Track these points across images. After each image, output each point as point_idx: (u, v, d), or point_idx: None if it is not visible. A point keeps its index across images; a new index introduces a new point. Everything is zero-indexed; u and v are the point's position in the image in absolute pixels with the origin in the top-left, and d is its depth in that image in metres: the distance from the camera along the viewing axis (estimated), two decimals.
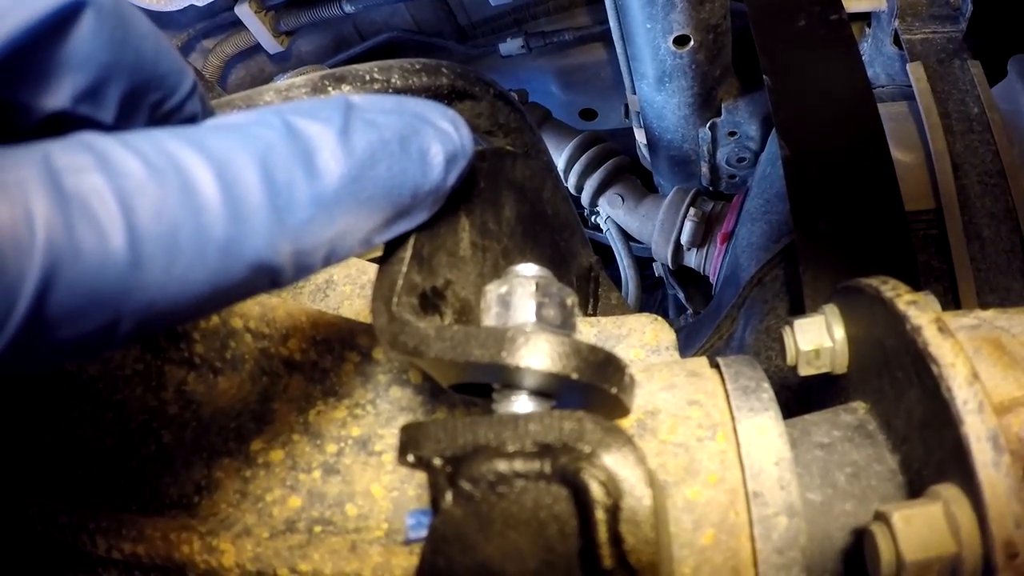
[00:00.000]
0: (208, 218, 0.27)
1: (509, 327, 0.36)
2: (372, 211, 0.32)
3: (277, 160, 0.29)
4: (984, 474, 0.35)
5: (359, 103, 0.34)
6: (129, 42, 0.31)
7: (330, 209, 0.30)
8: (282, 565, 0.44)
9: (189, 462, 0.49)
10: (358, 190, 0.31)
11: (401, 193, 0.34)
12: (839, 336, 0.50)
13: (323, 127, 0.31)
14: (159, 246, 0.26)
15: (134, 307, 0.26)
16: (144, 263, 0.26)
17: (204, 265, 0.27)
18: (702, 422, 0.44)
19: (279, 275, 0.30)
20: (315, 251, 0.31)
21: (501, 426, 0.33)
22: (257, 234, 0.28)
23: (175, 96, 0.34)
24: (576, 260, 0.82)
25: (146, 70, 0.32)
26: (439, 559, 0.32)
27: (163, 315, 0.27)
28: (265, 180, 0.29)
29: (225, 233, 0.27)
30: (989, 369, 0.42)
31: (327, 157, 0.31)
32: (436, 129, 0.36)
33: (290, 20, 1.80)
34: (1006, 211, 1.08)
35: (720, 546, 0.40)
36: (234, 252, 0.28)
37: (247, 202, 0.28)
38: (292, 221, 0.29)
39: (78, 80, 0.29)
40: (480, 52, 1.90)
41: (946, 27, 1.26)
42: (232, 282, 0.28)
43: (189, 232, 0.27)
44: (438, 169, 0.35)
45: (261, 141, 0.29)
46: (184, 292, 0.27)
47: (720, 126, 1.52)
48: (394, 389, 0.51)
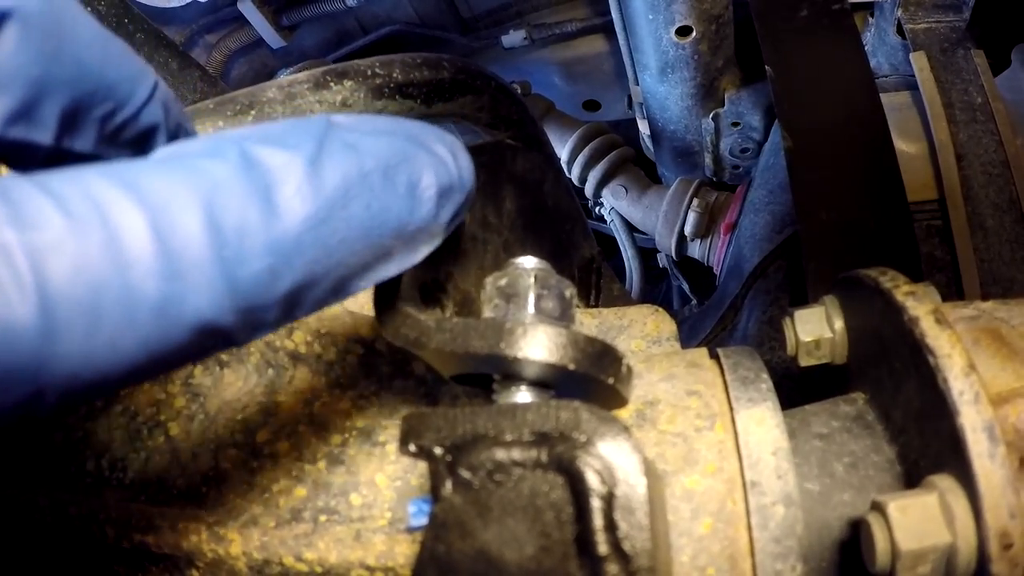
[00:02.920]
0: (138, 276, 0.23)
1: (508, 319, 0.36)
2: (344, 256, 0.28)
3: (227, 201, 0.25)
4: (979, 465, 0.36)
5: (342, 123, 0.30)
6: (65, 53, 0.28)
7: (290, 257, 0.26)
8: (288, 554, 0.44)
9: (196, 454, 0.49)
10: (327, 233, 0.27)
11: (381, 233, 0.29)
12: (839, 327, 0.50)
13: (289, 156, 0.26)
14: (78, 311, 0.22)
15: (55, 380, 0.22)
16: (60, 332, 0.22)
17: (135, 331, 0.23)
18: (701, 412, 0.44)
19: (230, 336, 0.26)
20: (272, 307, 0.26)
21: (500, 416, 0.34)
22: (199, 292, 0.24)
23: (128, 105, 0.31)
24: (578, 252, 0.82)
25: (89, 81, 0.29)
26: (439, 546, 0.33)
27: (92, 385, 0.23)
28: (210, 227, 0.24)
29: (159, 293, 0.23)
30: (987, 360, 0.42)
31: (290, 194, 0.26)
32: (431, 155, 0.31)
33: (293, 15, 1.80)
34: (1010, 201, 1.08)
35: (718, 535, 0.40)
36: (171, 314, 0.24)
37: (187, 254, 0.24)
38: (243, 274, 0.25)
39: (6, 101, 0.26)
40: (483, 44, 1.90)
41: (949, 16, 1.25)
42: (171, 348, 0.24)
43: (115, 293, 0.23)
44: (428, 204, 0.30)
45: (209, 178, 0.25)
46: (113, 361, 0.23)
47: (723, 117, 1.52)
48: (397, 381, 0.51)
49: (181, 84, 0.99)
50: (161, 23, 1.69)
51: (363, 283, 0.29)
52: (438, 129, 0.33)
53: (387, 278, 0.31)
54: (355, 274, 0.29)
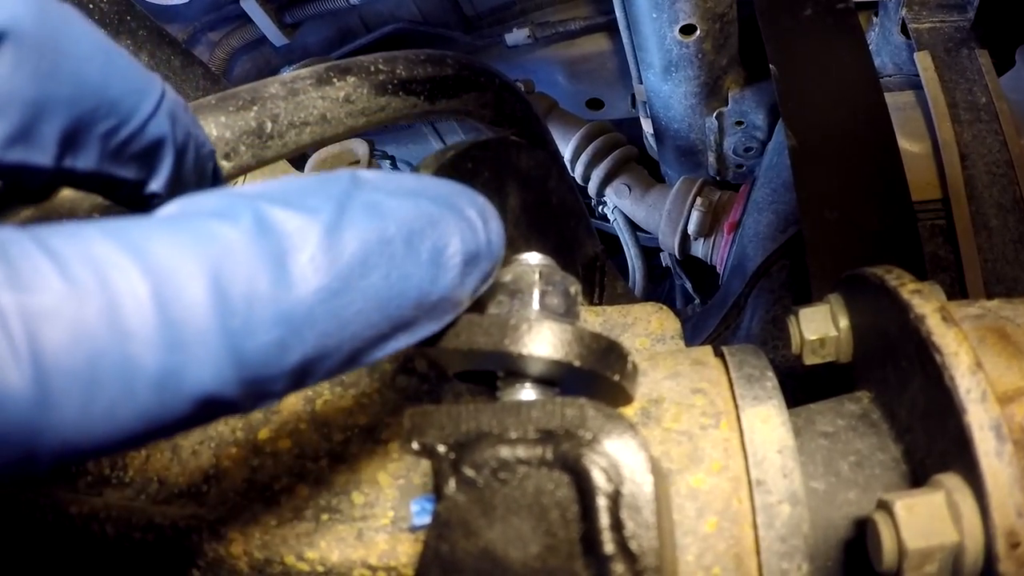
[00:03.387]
0: (138, 347, 0.22)
1: (513, 315, 0.36)
2: (360, 328, 0.26)
3: (236, 269, 0.24)
4: (986, 463, 0.35)
5: (367, 181, 0.28)
6: (63, 70, 0.27)
7: (301, 329, 0.25)
8: (289, 552, 0.44)
9: (197, 452, 0.49)
10: (341, 305, 0.25)
11: (400, 304, 0.27)
12: (844, 325, 0.50)
13: (307, 221, 0.25)
14: (74, 381, 0.21)
15: (48, 448, 0.22)
16: (55, 402, 0.21)
17: (133, 403, 0.22)
18: (706, 410, 0.44)
19: (232, 407, 0.25)
20: (279, 379, 0.25)
21: (504, 413, 0.34)
22: (202, 364, 0.23)
23: (133, 120, 0.30)
24: (582, 249, 0.82)
25: (90, 97, 0.28)
26: (443, 545, 0.32)
27: (88, 452, 0.23)
28: (217, 296, 0.23)
29: (159, 365, 0.22)
30: (993, 359, 0.42)
31: (304, 262, 0.25)
32: (459, 219, 0.29)
33: (295, 12, 1.80)
34: (1014, 201, 1.07)
35: (723, 534, 0.40)
36: (171, 387, 0.23)
37: (190, 325, 0.23)
38: (249, 346, 0.24)
39: (1, 125, 0.25)
40: (486, 42, 1.90)
41: (954, 16, 1.25)
42: (171, 419, 0.23)
43: (113, 364, 0.22)
44: (453, 272, 0.29)
45: (219, 243, 0.24)
46: (110, 431, 0.22)
47: (727, 116, 1.52)
48: (400, 378, 0.51)
49: (184, 82, 0.99)
50: (164, 21, 1.69)
51: (379, 354, 0.28)
52: (470, 191, 0.31)
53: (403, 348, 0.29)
54: (370, 346, 0.27)
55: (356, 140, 1.05)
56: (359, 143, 1.05)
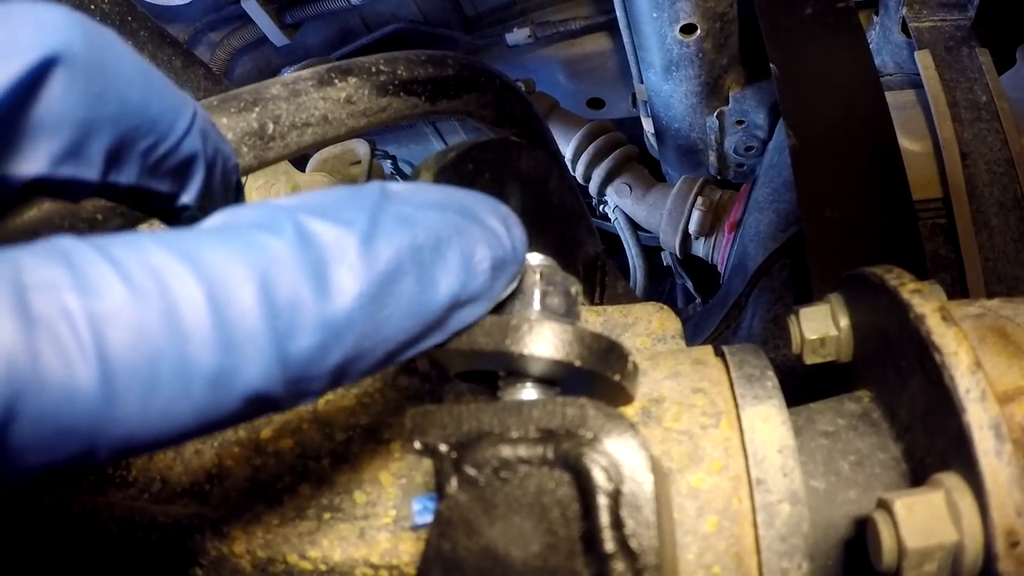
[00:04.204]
0: (195, 348, 0.24)
1: (514, 315, 0.36)
2: (394, 332, 0.28)
3: (282, 276, 0.25)
4: (986, 463, 0.35)
5: (395, 194, 0.30)
6: (110, 93, 0.28)
7: (341, 334, 0.26)
8: (292, 551, 0.44)
9: (200, 451, 0.49)
10: (377, 309, 0.27)
11: (432, 308, 0.29)
12: (844, 325, 0.50)
13: (344, 233, 0.27)
14: (136, 379, 0.23)
15: (108, 441, 0.23)
16: (118, 398, 0.23)
17: (189, 399, 0.24)
18: (706, 410, 0.44)
19: (276, 405, 0.27)
20: (319, 379, 0.27)
21: (505, 413, 0.34)
22: (252, 364, 0.25)
23: (169, 138, 0.31)
24: (582, 249, 0.82)
25: (133, 117, 0.29)
26: (444, 543, 0.33)
27: (144, 446, 0.24)
28: (265, 301, 0.25)
29: (214, 364, 0.24)
30: (993, 358, 0.42)
31: (343, 272, 0.26)
32: (483, 229, 0.31)
33: (296, 12, 1.80)
34: (1014, 200, 1.07)
35: (723, 533, 0.40)
36: (224, 384, 0.24)
37: (242, 328, 0.24)
38: (295, 348, 0.25)
39: (55, 143, 0.27)
40: (487, 42, 1.90)
41: (954, 15, 1.25)
42: (222, 415, 0.25)
43: (172, 363, 0.23)
44: (482, 278, 0.31)
45: (265, 253, 0.25)
46: (166, 426, 0.24)
47: (727, 115, 1.52)
48: (402, 378, 0.51)
49: (185, 82, 0.99)
50: (165, 21, 1.69)
51: (412, 353, 0.30)
52: (492, 200, 0.33)
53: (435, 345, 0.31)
54: (403, 347, 0.29)
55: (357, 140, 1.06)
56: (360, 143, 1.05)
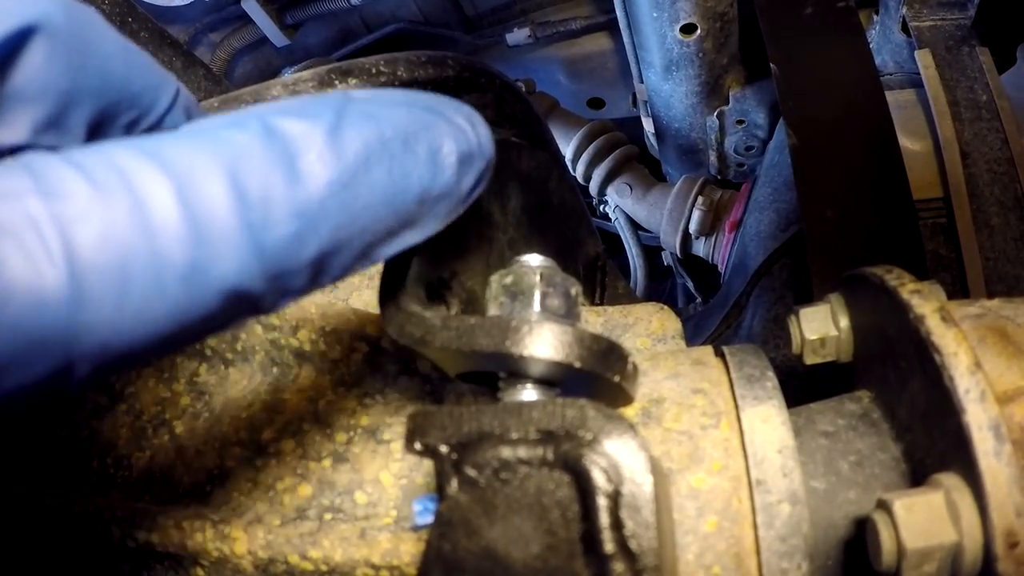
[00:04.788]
0: (165, 242, 0.23)
1: (514, 317, 0.36)
2: (369, 222, 0.28)
3: (251, 167, 0.25)
4: (985, 463, 0.35)
5: (358, 96, 0.30)
6: (91, 64, 0.28)
7: (316, 222, 0.26)
8: (293, 552, 0.44)
9: (201, 452, 0.49)
10: (350, 198, 0.27)
11: (404, 200, 0.29)
12: (844, 325, 0.50)
13: (309, 125, 0.27)
14: (107, 279, 0.22)
15: (85, 350, 0.23)
16: (89, 300, 0.22)
17: (163, 298, 0.23)
18: (706, 410, 0.44)
19: (258, 302, 0.26)
20: (299, 272, 0.27)
21: (505, 414, 0.34)
22: (226, 258, 0.24)
23: (152, 113, 0.31)
24: (583, 249, 0.82)
25: (115, 90, 0.29)
26: (445, 544, 0.33)
27: (123, 356, 0.24)
28: (235, 193, 0.24)
29: (187, 259, 0.24)
30: (993, 359, 0.42)
31: (312, 160, 0.26)
32: (450, 124, 0.31)
33: (296, 13, 1.80)
34: (1015, 199, 1.07)
35: (723, 533, 0.40)
36: (199, 280, 0.24)
37: (213, 220, 0.24)
38: (269, 239, 0.25)
39: (36, 111, 0.27)
40: (487, 42, 1.90)
41: (954, 14, 1.25)
42: (201, 315, 0.25)
43: (143, 261, 0.23)
44: (450, 171, 0.31)
45: (231, 147, 0.25)
46: (143, 330, 0.24)
47: (728, 114, 1.52)
48: (402, 378, 0.51)
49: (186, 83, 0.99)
50: (165, 22, 1.69)
51: (388, 250, 0.30)
52: (455, 101, 0.33)
53: (412, 245, 0.31)
54: (380, 240, 0.29)
55: None
56: None
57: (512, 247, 0.55)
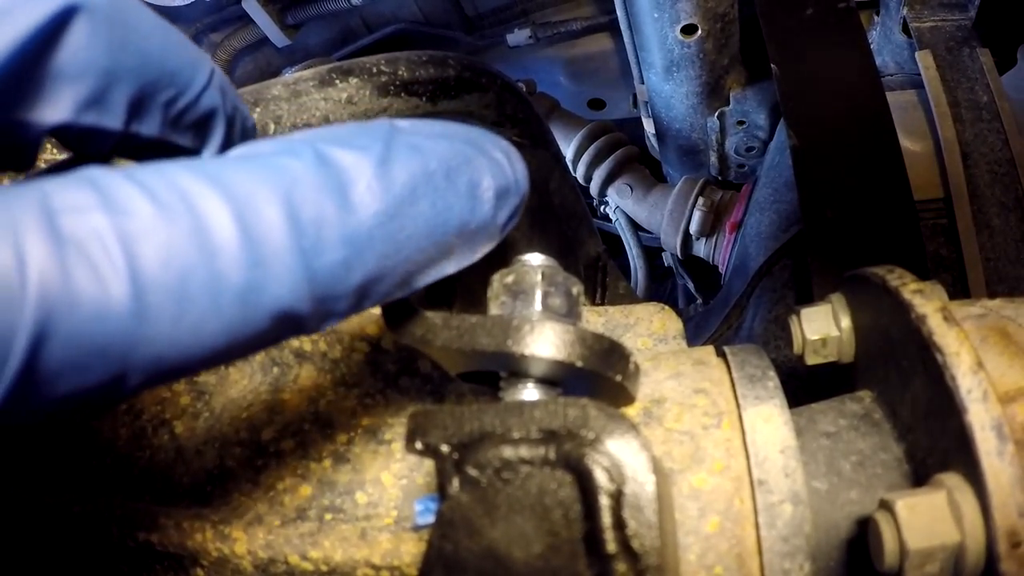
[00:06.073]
0: (224, 263, 0.24)
1: (515, 316, 0.36)
2: (411, 252, 0.29)
3: (305, 195, 0.26)
4: (988, 463, 0.35)
5: (404, 127, 0.31)
6: (131, 43, 0.29)
7: (363, 250, 0.27)
8: (293, 552, 0.44)
9: (201, 452, 0.49)
10: (396, 228, 0.28)
11: (445, 231, 0.30)
12: (845, 325, 0.50)
13: (359, 156, 0.28)
14: (167, 295, 0.23)
15: (140, 361, 0.24)
16: (150, 314, 0.23)
17: (219, 316, 0.25)
18: (708, 410, 0.44)
19: (303, 324, 0.27)
20: (344, 297, 0.28)
21: (507, 413, 0.34)
22: (280, 280, 0.25)
23: (189, 91, 0.32)
24: (584, 249, 0.82)
25: (153, 69, 0.30)
26: (446, 544, 0.33)
27: (174, 369, 0.25)
28: (290, 218, 0.25)
29: (243, 280, 0.25)
30: (995, 358, 0.42)
31: (362, 191, 0.27)
32: (488, 159, 0.32)
33: (297, 13, 1.80)
34: (1016, 200, 1.07)
35: (725, 533, 0.40)
36: (253, 301, 0.25)
37: (269, 244, 0.25)
38: (320, 264, 0.26)
39: (78, 89, 0.28)
40: (488, 43, 1.90)
41: (955, 15, 1.25)
42: (251, 334, 0.26)
43: (202, 279, 0.24)
44: (487, 205, 0.32)
45: (287, 174, 0.26)
46: (197, 345, 0.24)
47: (728, 115, 1.52)
48: (403, 378, 0.51)
49: None
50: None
51: (426, 279, 0.31)
52: (493, 135, 0.34)
53: (447, 275, 0.32)
54: (420, 270, 0.30)
55: None
56: None
57: (513, 246, 0.55)
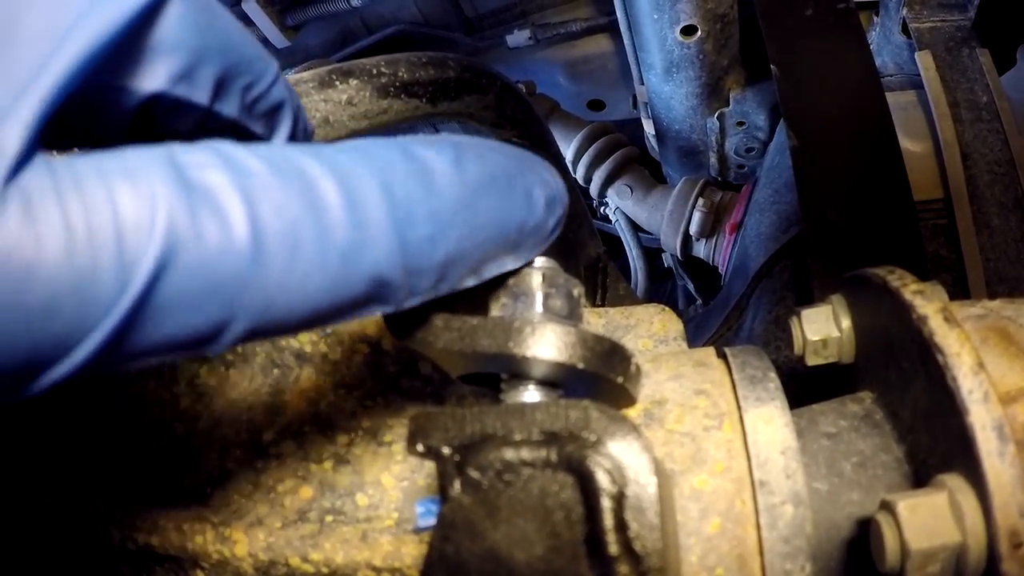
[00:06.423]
0: (331, 220, 0.27)
1: (516, 317, 0.36)
2: (482, 240, 0.32)
3: (396, 176, 0.29)
4: (989, 463, 0.35)
5: (465, 140, 0.34)
6: (215, 27, 0.32)
7: (446, 229, 0.30)
8: (294, 554, 0.44)
9: (202, 454, 0.49)
10: (471, 216, 0.31)
11: (508, 227, 0.33)
12: (846, 326, 0.50)
13: (437, 154, 0.31)
14: (281, 242, 0.26)
15: (249, 305, 0.26)
16: (266, 257, 0.25)
17: (324, 271, 0.27)
18: (709, 411, 0.44)
19: (390, 295, 0.30)
20: (427, 273, 0.30)
21: (508, 415, 0.34)
22: (377, 245, 0.28)
23: (262, 81, 0.35)
24: (584, 251, 0.82)
25: (234, 53, 0.33)
26: (448, 546, 0.33)
27: (276, 321, 0.27)
28: (385, 193, 0.28)
29: (347, 239, 0.27)
30: (996, 359, 0.42)
31: (443, 179, 0.31)
32: (536, 172, 0.36)
33: (297, 15, 1.80)
34: (1015, 200, 1.07)
35: (726, 534, 0.40)
36: (354, 260, 0.27)
37: (368, 211, 0.28)
38: (411, 235, 0.29)
39: (172, 63, 0.30)
40: (487, 44, 1.90)
41: (955, 15, 1.25)
42: (348, 295, 0.28)
43: (312, 233, 0.26)
44: (540, 210, 0.35)
45: (380, 159, 0.29)
46: (301, 298, 0.27)
47: (728, 116, 1.52)
48: (404, 380, 0.51)
49: None
50: None
51: (492, 270, 0.34)
52: (534, 155, 0.37)
53: (508, 270, 0.35)
54: (489, 259, 0.33)
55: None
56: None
57: None
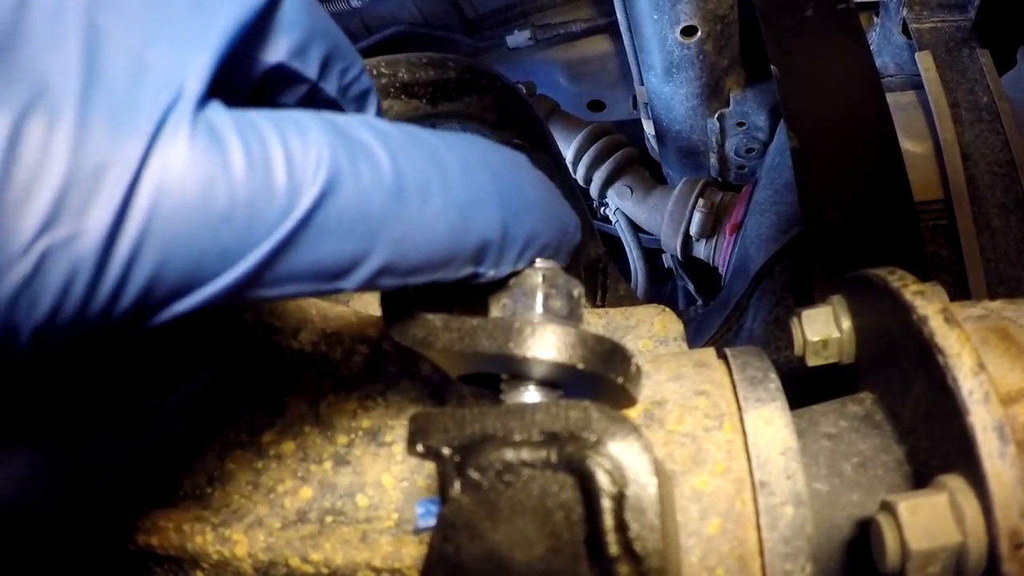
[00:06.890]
0: (452, 177, 0.32)
1: (516, 318, 0.36)
2: (552, 228, 0.37)
3: (497, 159, 0.35)
4: (989, 464, 0.35)
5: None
6: (319, 13, 0.35)
7: (531, 209, 0.35)
8: (294, 555, 0.44)
9: (202, 454, 0.49)
10: (546, 205, 0.37)
11: (565, 224, 0.39)
12: (846, 326, 0.50)
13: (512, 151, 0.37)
14: (417, 188, 0.30)
15: (386, 238, 0.29)
16: (406, 196, 0.30)
17: (447, 218, 0.31)
18: (709, 412, 0.44)
19: (486, 258, 0.34)
20: (514, 243, 0.35)
21: (508, 416, 0.34)
22: (486, 206, 0.33)
23: (355, 67, 0.38)
24: (584, 251, 0.82)
25: (335, 37, 0.36)
26: (448, 547, 0.33)
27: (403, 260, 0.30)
28: (491, 169, 0.34)
29: (465, 195, 0.32)
30: (996, 359, 0.42)
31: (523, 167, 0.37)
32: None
33: None
34: (1016, 201, 1.07)
35: (727, 535, 0.40)
36: (468, 215, 0.32)
37: (479, 177, 0.33)
38: (508, 204, 0.34)
39: (291, 39, 0.34)
40: (487, 45, 1.90)
41: (955, 16, 1.25)
42: (459, 250, 0.32)
43: (438, 185, 0.31)
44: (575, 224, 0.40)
45: (480, 142, 0.35)
46: (426, 241, 0.31)
47: (728, 117, 1.52)
48: (404, 381, 0.51)
49: None
50: None
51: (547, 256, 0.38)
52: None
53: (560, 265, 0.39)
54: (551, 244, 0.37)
55: None
56: None
57: None
